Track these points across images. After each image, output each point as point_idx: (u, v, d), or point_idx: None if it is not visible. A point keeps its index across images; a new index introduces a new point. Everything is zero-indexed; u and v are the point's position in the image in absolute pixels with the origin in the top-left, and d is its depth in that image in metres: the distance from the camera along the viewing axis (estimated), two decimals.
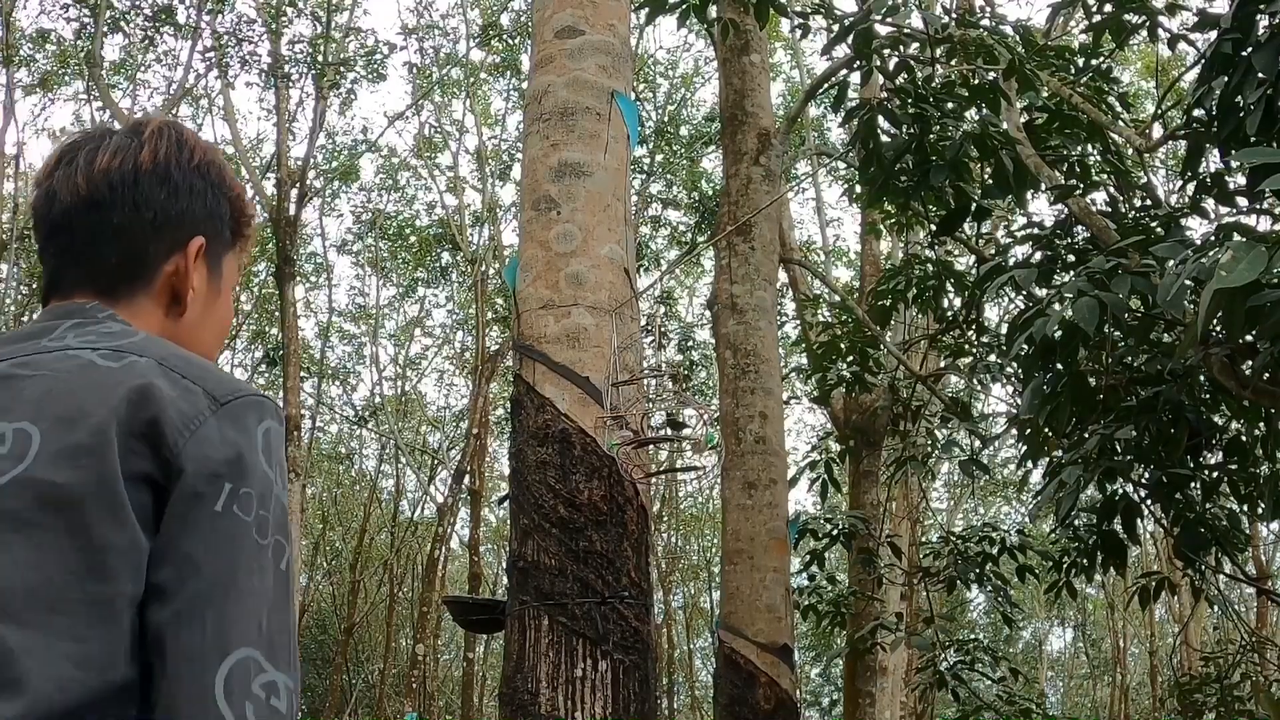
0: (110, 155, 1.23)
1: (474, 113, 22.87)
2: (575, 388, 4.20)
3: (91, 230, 1.22)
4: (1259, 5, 4.05)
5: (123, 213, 1.22)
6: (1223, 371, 4.06)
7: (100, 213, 1.22)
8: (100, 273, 1.22)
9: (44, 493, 1.03)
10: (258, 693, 1.02)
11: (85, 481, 1.03)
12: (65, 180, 1.23)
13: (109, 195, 1.22)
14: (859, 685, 10.28)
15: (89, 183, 1.22)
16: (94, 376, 1.08)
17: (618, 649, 3.96)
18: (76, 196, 1.22)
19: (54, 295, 1.24)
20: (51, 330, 1.16)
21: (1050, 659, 35.04)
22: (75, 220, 1.22)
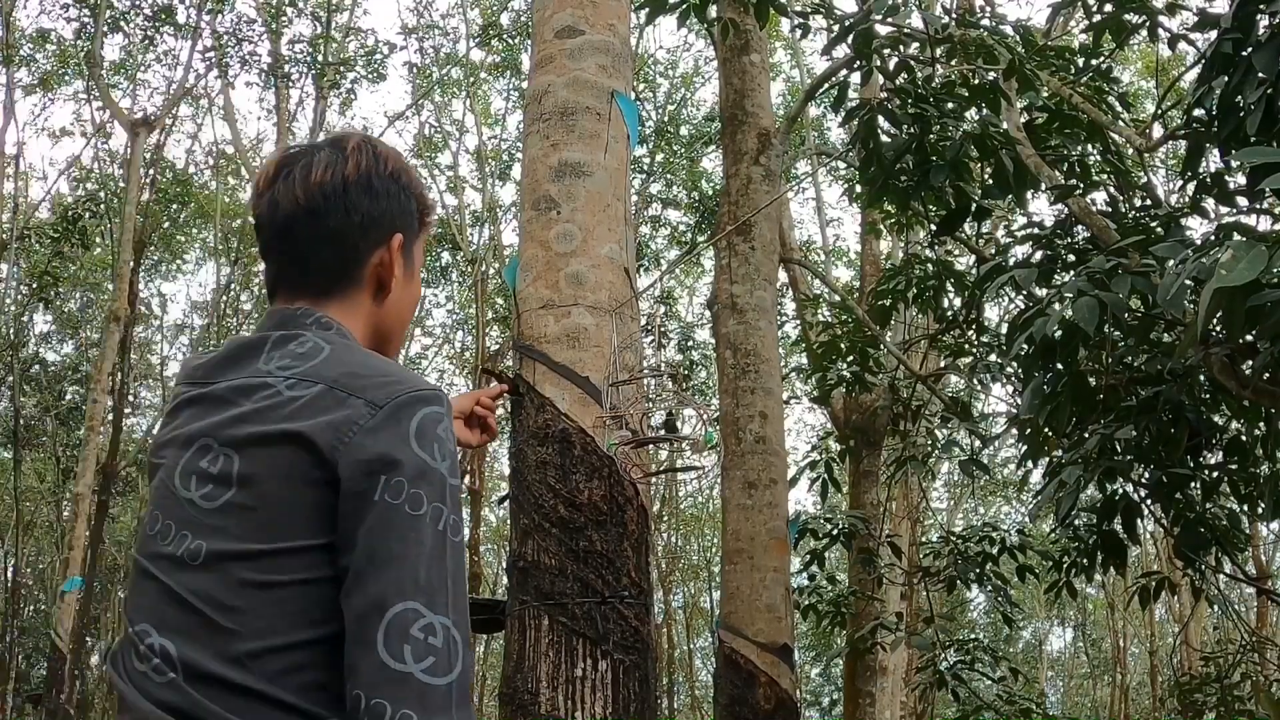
0: (322, 169, 1.47)
1: (474, 112, 22.88)
2: (575, 388, 4.20)
3: (311, 235, 1.46)
4: (1259, 5, 4.04)
5: (336, 218, 1.46)
6: (1223, 371, 4.06)
7: (317, 219, 1.46)
8: (319, 270, 1.47)
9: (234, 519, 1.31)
10: (416, 635, 1.22)
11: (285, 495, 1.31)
12: (286, 192, 1.47)
13: (324, 204, 1.46)
14: (859, 685, 10.28)
15: (306, 194, 1.46)
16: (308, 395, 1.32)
17: (618, 649, 3.96)
18: (297, 206, 1.46)
19: (278, 295, 1.49)
20: (261, 349, 1.40)
21: (1050, 659, 35.04)
22: (297, 227, 1.46)
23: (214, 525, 1.30)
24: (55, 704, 14.72)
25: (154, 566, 1.33)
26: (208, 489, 1.32)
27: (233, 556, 1.28)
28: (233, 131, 20.77)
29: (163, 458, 1.39)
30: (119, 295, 16.64)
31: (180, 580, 1.30)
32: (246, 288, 25.77)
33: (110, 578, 27.76)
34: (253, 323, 25.73)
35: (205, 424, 1.35)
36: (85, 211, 20.42)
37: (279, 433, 1.30)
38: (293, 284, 1.48)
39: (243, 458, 1.31)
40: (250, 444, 1.31)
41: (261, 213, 1.49)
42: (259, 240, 1.51)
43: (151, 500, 1.40)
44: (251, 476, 1.30)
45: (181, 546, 1.31)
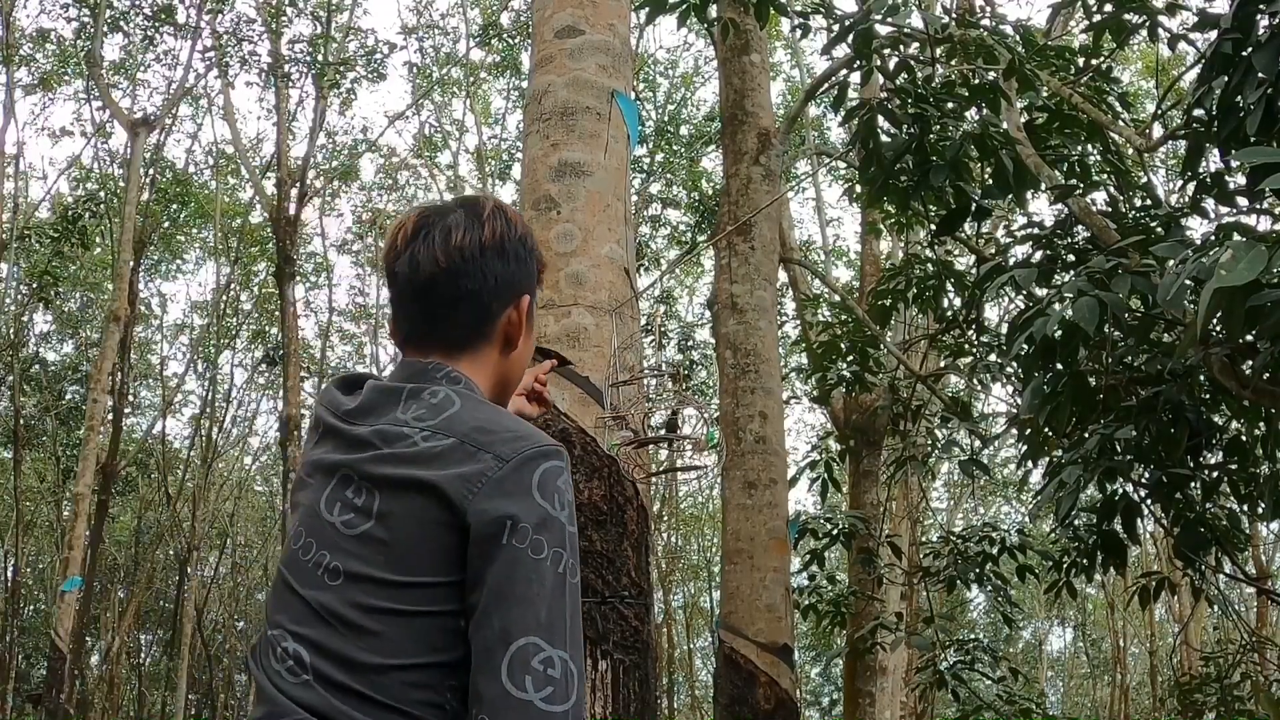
0: (461, 233, 1.59)
1: (474, 112, 22.87)
2: (575, 388, 4.20)
3: (450, 295, 1.58)
4: (1259, 5, 4.04)
5: (473, 280, 1.58)
6: (1223, 371, 4.06)
7: (456, 280, 1.57)
8: (454, 327, 1.59)
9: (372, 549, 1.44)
10: (536, 666, 1.35)
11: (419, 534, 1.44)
12: (426, 252, 1.58)
13: (463, 266, 1.57)
14: (859, 685, 10.28)
15: (447, 256, 1.57)
16: (442, 445, 1.46)
17: (618, 649, 3.96)
18: (437, 267, 1.57)
19: (410, 347, 1.62)
20: (399, 399, 1.54)
21: (1050, 659, 35.03)
22: (438, 287, 1.58)
23: (352, 551, 1.45)
24: (55, 704, 14.72)
25: (294, 578, 1.48)
26: (349, 516, 1.47)
27: (367, 581, 1.42)
28: (233, 131, 20.77)
29: (310, 481, 1.54)
30: (119, 295, 16.63)
31: (316, 595, 1.45)
32: (246, 288, 25.77)
33: (110, 578, 27.77)
34: (252, 322, 25.72)
35: (349, 458, 1.50)
36: (85, 211, 20.41)
37: (415, 480, 1.44)
38: (426, 338, 1.61)
39: (382, 496, 1.46)
40: (389, 485, 1.45)
41: (401, 270, 1.59)
42: (393, 292, 1.62)
43: (299, 517, 1.54)
44: (389, 514, 1.44)
45: (322, 565, 1.46)
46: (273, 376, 25.56)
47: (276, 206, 18.56)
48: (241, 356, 26.84)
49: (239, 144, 21.31)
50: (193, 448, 26.13)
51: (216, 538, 28.86)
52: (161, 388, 26.85)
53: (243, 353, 26.70)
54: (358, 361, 28.48)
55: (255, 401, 29.02)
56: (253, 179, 21.29)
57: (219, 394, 25.63)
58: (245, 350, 26.69)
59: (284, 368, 18.14)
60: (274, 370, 24.28)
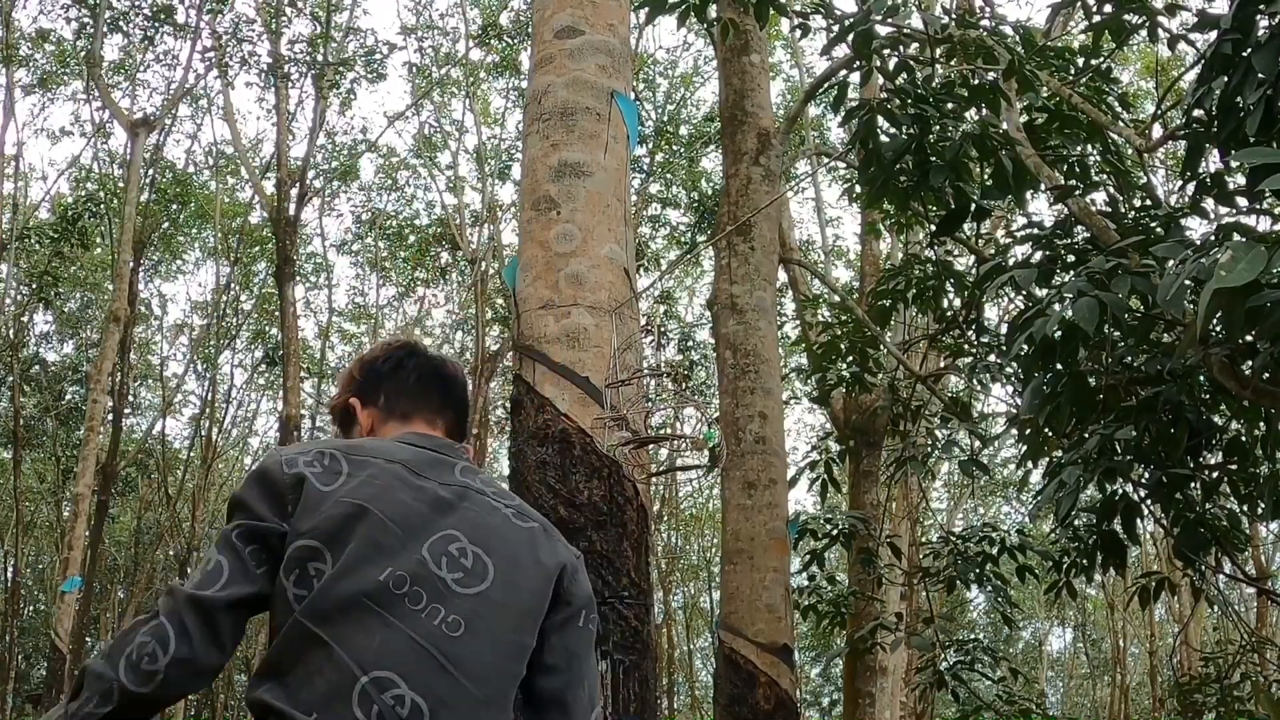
0: (459, 365, 1.97)
1: (474, 112, 22.86)
2: (575, 388, 4.20)
3: (466, 397, 1.94)
4: (1259, 5, 4.04)
5: (466, 393, 1.97)
6: (1223, 371, 4.06)
7: (469, 393, 1.96)
8: (459, 421, 1.90)
9: (497, 612, 1.62)
10: (598, 714, 1.81)
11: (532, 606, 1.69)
12: (448, 361, 1.96)
13: (463, 381, 1.96)
14: (859, 685, 10.28)
15: (462, 374, 1.96)
16: (526, 531, 1.73)
17: (618, 649, 3.96)
18: (457, 371, 1.95)
19: (419, 418, 1.85)
20: (451, 464, 1.76)
21: (1050, 659, 35.04)
22: (458, 385, 1.93)
23: (472, 608, 1.59)
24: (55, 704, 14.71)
25: (396, 618, 1.54)
26: (459, 575, 1.60)
27: (490, 640, 1.60)
28: (233, 131, 20.76)
29: (374, 510, 1.61)
30: (119, 295, 16.63)
31: (436, 644, 1.55)
32: (246, 288, 25.77)
33: (110, 578, 27.76)
34: (252, 322, 25.71)
35: (449, 518, 1.66)
36: (85, 211, 20.42)
37: (534, 561, 1.69)
38: (439, 419, 1.88)
39: (495, 563, 1.64)
40: (505, 554, 1.66)
41: (422, 364, 1.93)
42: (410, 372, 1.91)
43: (370, 545, 1.58)
44: (507, 582, 1.64)
45: (437, 616, 1.56)
46: (273, 377, 25.55)
47: (276, 206, 18.56)
48: (241, 356, 26.84)
49: (239, 144, 21.30)
50: (192, 448, 26.13)
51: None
52: (161, 388, 26.84)
53: (243, 353, 26.71)
54: None
55: (255, 402, 29.04)
56: (253, 179, 21.29)
57: (219, 394, 25.64)
58: (245, 350, 26.70)
59: (284, 368, 18.13)
60: (274, 370, 24.28)
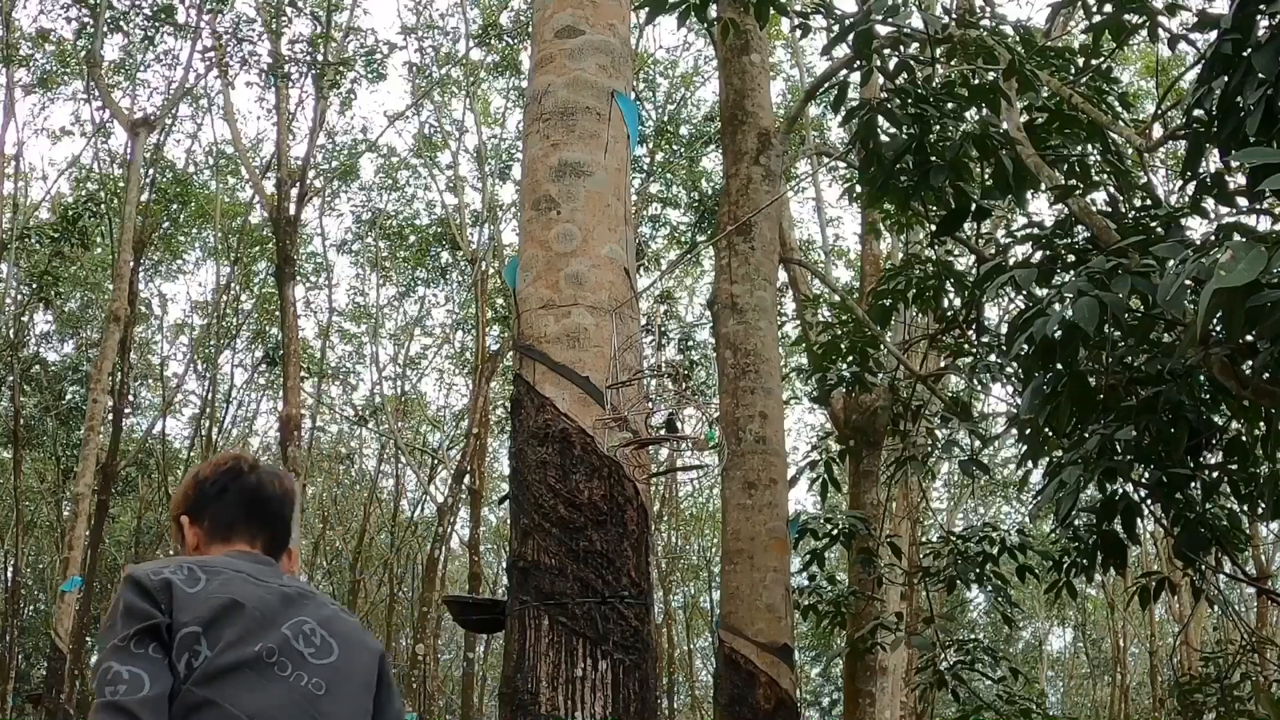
0: (283, 476, 2.29)
1: (474, 112, 22.86)
2: (575, 388, 4.20)
3: (287, 513, 2.25)
4: (1259, 6, 4.04)
5: (291, 510, 2.27)
6: (1223, 371, 4.06)
7: (289, 507, 2.25)
8: (282, 537, 2.23)
9: (345, 683, 2.03)
10: None
11: (365, 679, 2.08)
12: (270, 479, 2.25)
13: (291, 496, 2.27)
14: (859, 685, 10.28)
15: (283, 488, 2.25)
16: (352, 623, 2.13)
17: (618, 649, 3.96)
18: (281, 490, 2.25)
19: (239, 538, 2.18)
20: (276, 571, 2.14)
21: (1050, 659, 35.03)
22: (276, 505, 2.22)
23: (328, 676, 1.99)
24: (55, 704, 14.72)
25: (271, 680, 1.93)
26: (313, 650, 2.00)
27: (346, 700, 2.02)
28: (233, 131, 20.76)
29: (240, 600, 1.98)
30: (119, 295, 16.63)
31: (306, 701, 1.95)
32: (246, 288, 25.77)
33: (110, 578, 27.75)
34: (252, 322, 25.71)
35: (297, 608, 2.04)
36: (85, 211, 20.41)
37: (363, 645, 2.11)
38: (257, 540, 2.20)
39: (338, 643, 2.04)
40: (343, 637, 2.06)
41: (249, 486, 2.22)
42: (234, 496, 2.20)
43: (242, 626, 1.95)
44: (347, 658, 2.05)
45: (303, 680, 1.96)
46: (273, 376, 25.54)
47: (276, 206, 18.56)
48: (241, 356, 26.85)
49: (239, 144, 21.30)
50: (193, 448, 26.14)
51: None
52: (161, 388, 26.85)
53: (243, 353, 26.71)
54: (358, 361, 28.51)
55: (255, 401, 29.05)
56: (253, 179, 21.28)
57: (219, 394, 25.64)
58: (245, 350, 26.70)
59: (284, 368, 18.13)
60: (274, 370, 24.28)
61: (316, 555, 29.83)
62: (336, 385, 28.38)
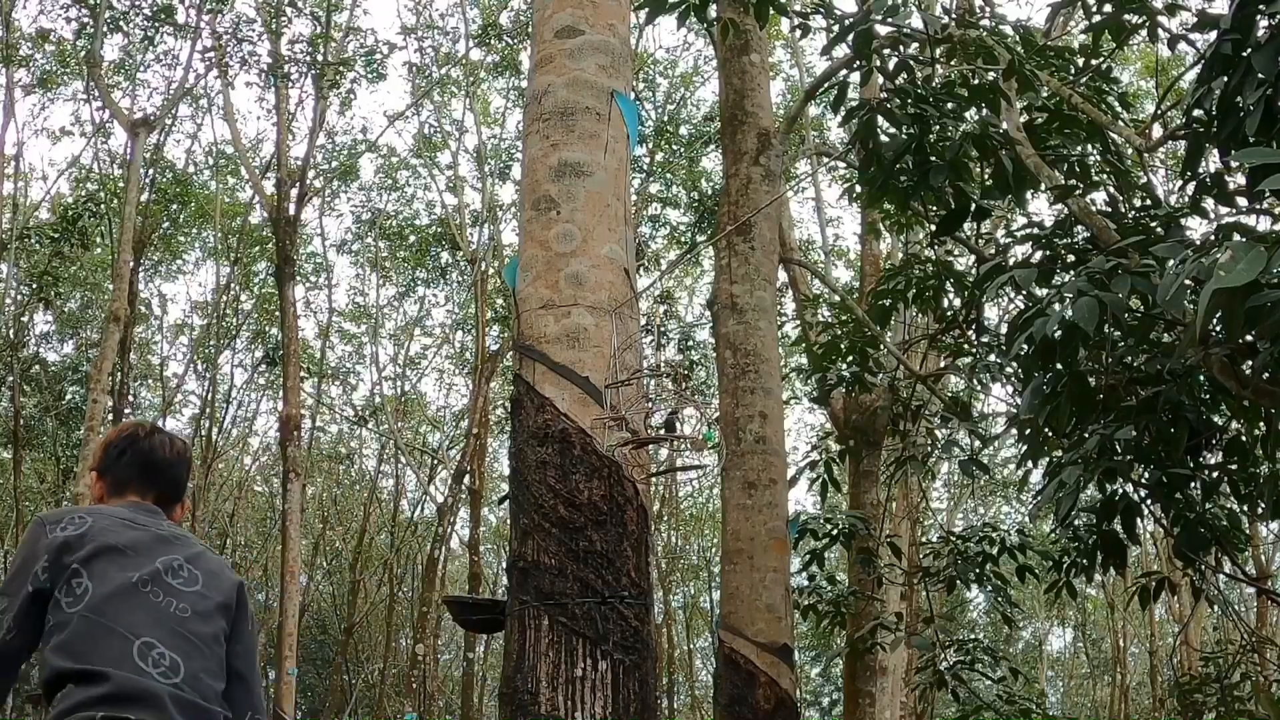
0: (177, 440, 2.73)
1: (474, 112, 22.86)
2: (575, 388, 4.20)
3: (181, 472, 2.69)
4: (1259, 6, 4.04)
5: (186, 469, 2.71)
6: (1223, 371, 4.06)
7: (182, 466, 2.70)
8: (171, 491, 2.67)
9: (208, 607, 2.47)
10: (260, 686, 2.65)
11: (224, 604, 2.51)
12: (164, 444, 2.68)
13: (184, 457, 2.72)
14: (859, 685, 10.28)
15: (174, 451, 2.69)
16: (217, 560, 2.57)
17: (618, 649, 3.96)
18: (173, 452, 2.69)
19: (131, 492, 2.62)
20: (159, 518, 2.59)
21: (1050, 659, 35.04)
22: (167, 467, 2.66)
23: (191, 602, 2.44)
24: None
25: (146, 605, 2.37)
26: (180, 581, 2.45)
27: (206, 622, 2.44)
28: (233, 131, 20.75)
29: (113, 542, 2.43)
30: (119, 295, 16.63)
31: (175, 623, 2.38)
32: (246, 288, 25.77)
33: None
34: (252, 322, 25.72)
35: (170, 547, 2.50)
36: (85, 211, 20.40)
37: (224, 578, 2.55)
38: (150, 494, 2.64)
39: (202, 575, 2.49)
40: (206, 571, 2.51)
41: (148, 450, 2.67)
42: (135, 463, 2.64)
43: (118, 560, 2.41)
44: (210, 587, 2.49)
45: (172, 605, 2.40)
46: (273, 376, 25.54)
47: (276, 206, 18.56)
48: (241, 356, 26.84)
49: (239, 144, 21.30)
50: (192, 448, 26.08)
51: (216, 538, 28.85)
52: (161, 388, 26.85)
53: (243, 353, 26.71)
54: (358, 361, 28.51)
55: (255, 401, 29.04)
56: (253, 179, 21.28)
57: (219, 394, 25.64)
58: (245, 350, 26.69)
59: (284, 368, 18.13)
60: (274, 370, 24.27)
61: (316, 555, 29.83)
62: (336, 385, 28.39)
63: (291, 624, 17.18)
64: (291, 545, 17.30)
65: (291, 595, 17.40)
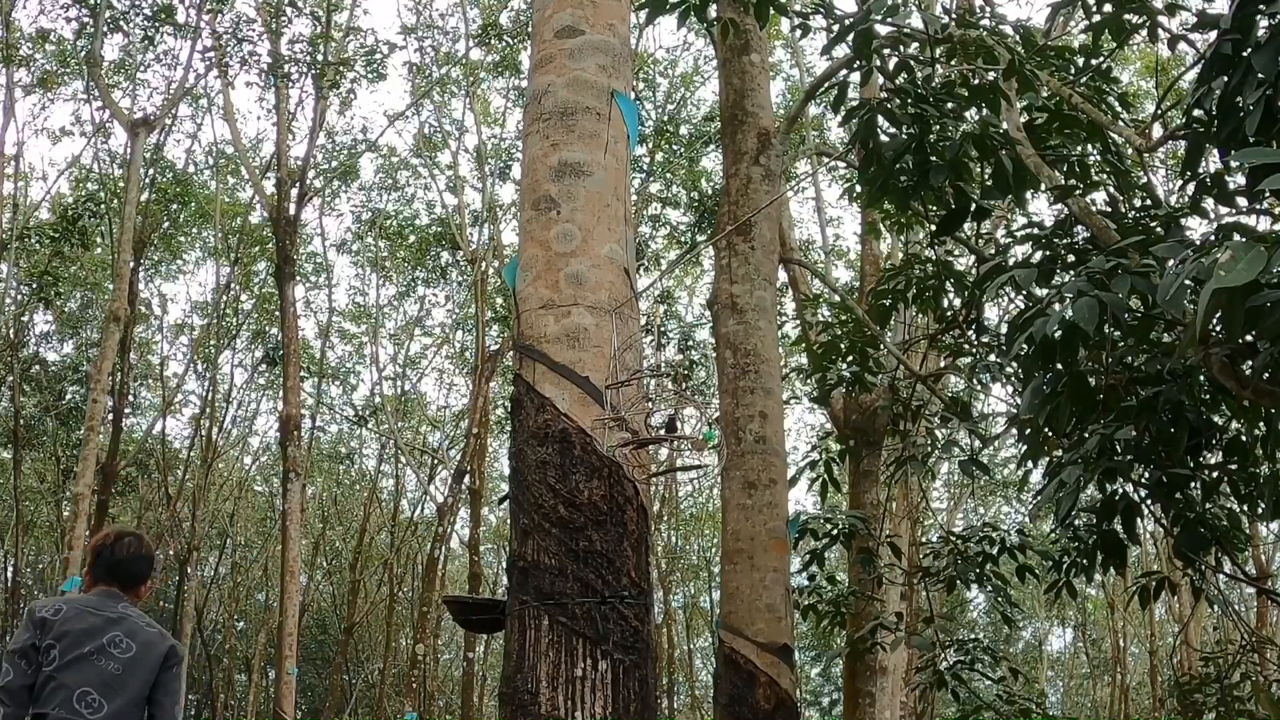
0: (139, 542, 3.90)
1: (474, 111, 22.85)
2: (575, 388, 4.20)
3: (138, 566, 3.85)
4: (1259, 6, 4.04)
5: (145, 563, 3.88)
6: (1223, 371, 4.06)
7: (140, 562, 3.86)
8: (131, 582, 3.84)
9: (137, 667, 3.69)
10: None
11: (153, 663, 3.72)
12: (126, 545, 3.84)
13: (142, 554, 3.88)
14: (859, 685, 10.28)
15: (133, 550, 3.84)
16: (152, 632, 3.76)
17: (618, 649, 3.96)
18: (131, 552, 3.84)
19: (101, 583, 3.79)
20: (117, 601, 3.77)
21: (1050, 659, 35.04)
22: (128, 564, 3.83)
23: (125, 664, 3.62)
24: None
25: (88, 668, 3.56)
26: (119, 650, 3.62)
27: (135, 679, 3.63)
28: (233, 131, 20.76)
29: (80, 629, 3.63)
30: (119, 295, 16.63)
31: (110, 678, 3.58)
32: (246, 288, 25.77)
33: None
34: (252, 322, 25.73)
35: (116, 627, 3.67)
36: (85, 211, 20.41)
37: (153, 645, 3.71)
38: (112, 584, 3.79)
39: (137, 647, 3.65)
40: (141, 642, 3.68)
41: (111, 551, 3.82)
42: (98, 562, 3.82)
43: (76, 639, 3.60)
44: (141, 656, 3.67)
45: (108, 667, 3.58)
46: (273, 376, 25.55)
47: (276, 206, 18.56)
48: (241, 356, 26.84)
49: (239, 144, 21.30)
50: (193, 448, 26.14)
51: (216, 538, 28.85)
52: (161, 388, 26.85)
53: (243, 353, 26.71)
54: (358, 361, 28.52)
55: (255, 401, 29.05)
56: (253, 179, 21.28)
57: (219, 394, 25.64)
58: (245, 350, 26.70)
59: (284, 368, 18.13)
60: (274, 370, 24.27)
61: (316, 555, 29.84)
62: (336, 385, 28.39)
63: (291, 624, 17.18)
64: (291, 545, 17.30)
65: (291, 595, 17.40)
